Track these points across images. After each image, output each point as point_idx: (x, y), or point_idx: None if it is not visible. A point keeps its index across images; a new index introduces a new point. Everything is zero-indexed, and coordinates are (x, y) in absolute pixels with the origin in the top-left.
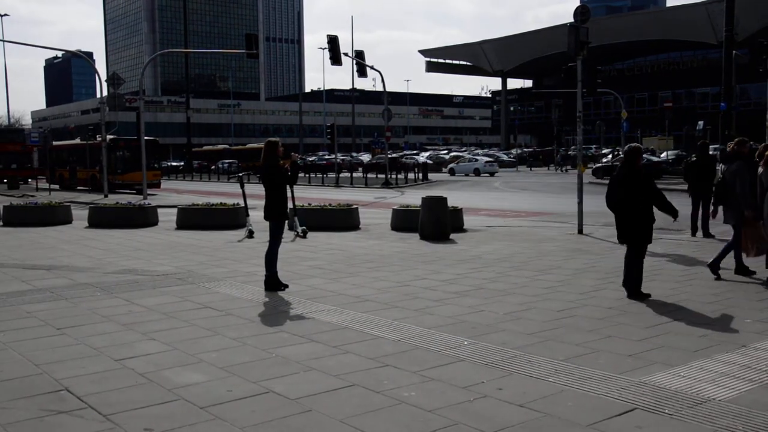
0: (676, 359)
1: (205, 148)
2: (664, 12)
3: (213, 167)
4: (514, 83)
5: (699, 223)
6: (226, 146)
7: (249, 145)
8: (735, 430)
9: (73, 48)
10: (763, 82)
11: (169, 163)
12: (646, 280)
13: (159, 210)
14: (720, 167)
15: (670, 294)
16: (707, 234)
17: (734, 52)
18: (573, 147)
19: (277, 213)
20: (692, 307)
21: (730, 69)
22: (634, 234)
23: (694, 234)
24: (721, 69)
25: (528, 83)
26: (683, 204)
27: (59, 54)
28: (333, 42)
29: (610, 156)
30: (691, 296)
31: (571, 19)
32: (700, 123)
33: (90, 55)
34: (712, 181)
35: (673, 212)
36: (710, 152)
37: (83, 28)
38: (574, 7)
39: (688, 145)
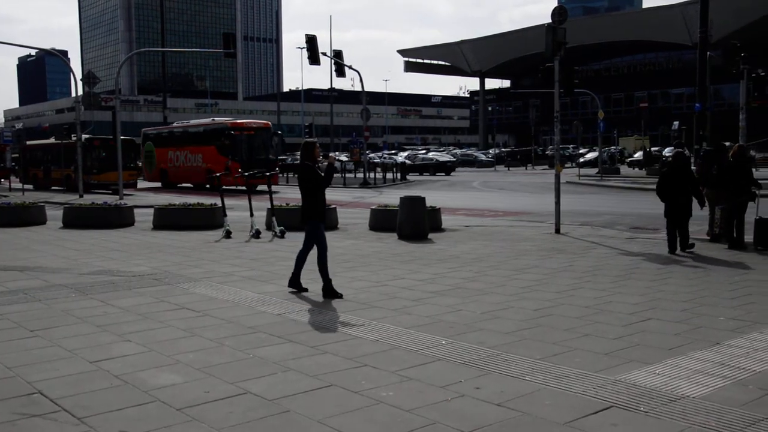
0: (652, 357)
1: None
2: (640, 13)
3: None
4: (492, 83)
5: None
6: None
7: None
8: (708, 426)
9: (47, 46)
10: (737, 83)
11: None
12: (622, 278)
13: (135, 210)
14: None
15: (646, 292)
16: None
17: (708, 53)
18: (551, 147)
19: (310, 215)
20: (667, 305)
21: (704, 70)
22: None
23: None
24: (696, 70)
25: (506, 83)
26: (653, 203)
27: (33, 52)
28: (311, 41)
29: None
30: (666, 294)
31: (547, 20)
32: (675, 123)
33: (65, 53)
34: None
35: (701, 201)
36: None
37: (58, 25)
38: (548, 8)
39: (665, 145)
